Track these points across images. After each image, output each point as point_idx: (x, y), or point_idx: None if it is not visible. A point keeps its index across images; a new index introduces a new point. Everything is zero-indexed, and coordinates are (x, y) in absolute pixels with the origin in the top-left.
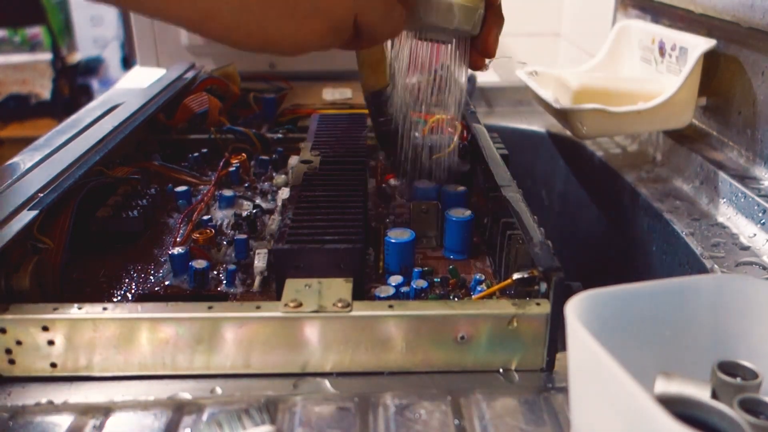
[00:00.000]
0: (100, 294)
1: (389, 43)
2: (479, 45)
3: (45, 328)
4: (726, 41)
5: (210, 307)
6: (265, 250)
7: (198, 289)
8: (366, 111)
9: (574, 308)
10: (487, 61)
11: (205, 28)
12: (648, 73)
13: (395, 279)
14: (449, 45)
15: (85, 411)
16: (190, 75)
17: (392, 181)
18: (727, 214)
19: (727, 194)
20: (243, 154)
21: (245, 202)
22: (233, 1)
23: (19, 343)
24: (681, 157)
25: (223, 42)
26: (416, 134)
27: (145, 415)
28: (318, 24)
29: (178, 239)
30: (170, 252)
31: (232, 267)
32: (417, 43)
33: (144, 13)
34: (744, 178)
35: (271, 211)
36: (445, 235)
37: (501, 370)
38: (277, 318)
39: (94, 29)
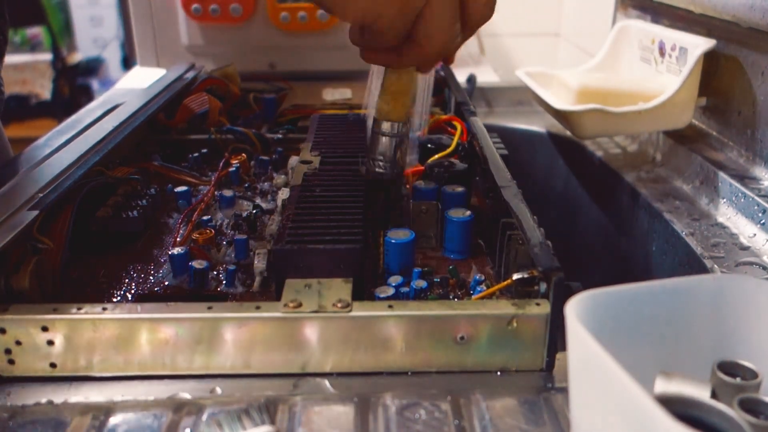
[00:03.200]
0: (100, 294)
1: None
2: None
3: (45, 329)
4: (726, 41)
5: (210, 308)
6: (265, 250)
7: (198, 290)
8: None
9: (574, 308)
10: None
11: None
12: (648, 73)
13: (395, 279)
14: None
15: (85, 411)
16: (190, 75)
17: None
18: (727, 214)
19: (727, 194)
20: (243, 155)
21: (245, 203)
22: None
23: (18, 343)
24: (681, 157)
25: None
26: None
27: (145, 415)
28: None
29: (178, 239)
30: (170, 252)
31: (232, 267)
32: None
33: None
34: (744, 178)
35: (271, 211)
36: (445, 235)
37: (501, 371)
38: (276, 318)
39: (94, 29)
